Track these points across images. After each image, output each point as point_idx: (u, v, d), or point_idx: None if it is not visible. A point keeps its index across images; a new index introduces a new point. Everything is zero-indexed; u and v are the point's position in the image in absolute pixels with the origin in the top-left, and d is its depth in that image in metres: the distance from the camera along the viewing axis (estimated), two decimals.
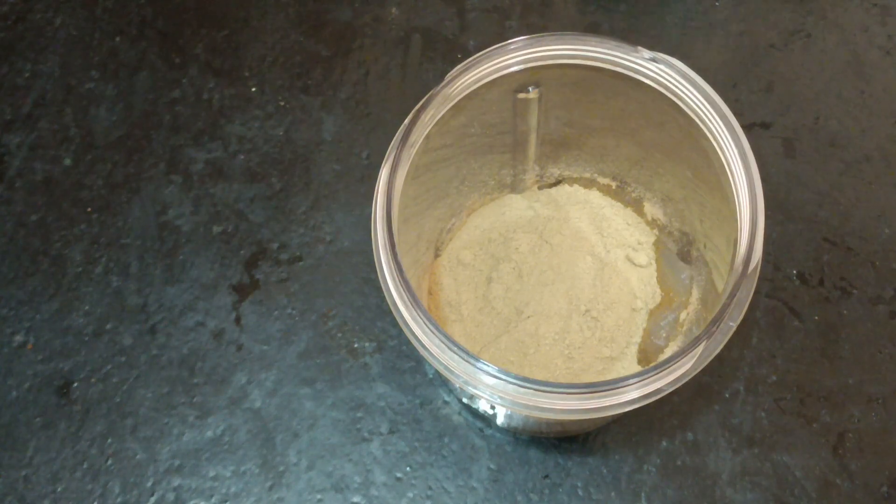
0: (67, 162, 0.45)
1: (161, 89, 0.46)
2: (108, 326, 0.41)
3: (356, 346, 0.40)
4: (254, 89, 0.46)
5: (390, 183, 0.30)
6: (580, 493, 0.37)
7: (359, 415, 0.39)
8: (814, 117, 0.45)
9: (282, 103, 0.46)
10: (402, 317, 0.28)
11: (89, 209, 0.44)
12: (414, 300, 0.28)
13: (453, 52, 0.48)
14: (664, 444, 0.38)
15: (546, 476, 0.38)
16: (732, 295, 0.28)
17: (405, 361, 0.40)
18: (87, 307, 0.41)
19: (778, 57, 0.47)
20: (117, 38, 0.48)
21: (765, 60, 0.47)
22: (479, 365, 0.27)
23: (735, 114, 0.30)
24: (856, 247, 0.42)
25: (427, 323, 0.28)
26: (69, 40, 0.48)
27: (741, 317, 0.28)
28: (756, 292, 0.41)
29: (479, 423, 0.39)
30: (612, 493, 0.37)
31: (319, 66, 0.47)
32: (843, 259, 0.42)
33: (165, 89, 0.46)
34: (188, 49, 0.47)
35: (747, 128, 0.45)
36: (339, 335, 0.41)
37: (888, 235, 0.42)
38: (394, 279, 0.28)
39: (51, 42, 0.48)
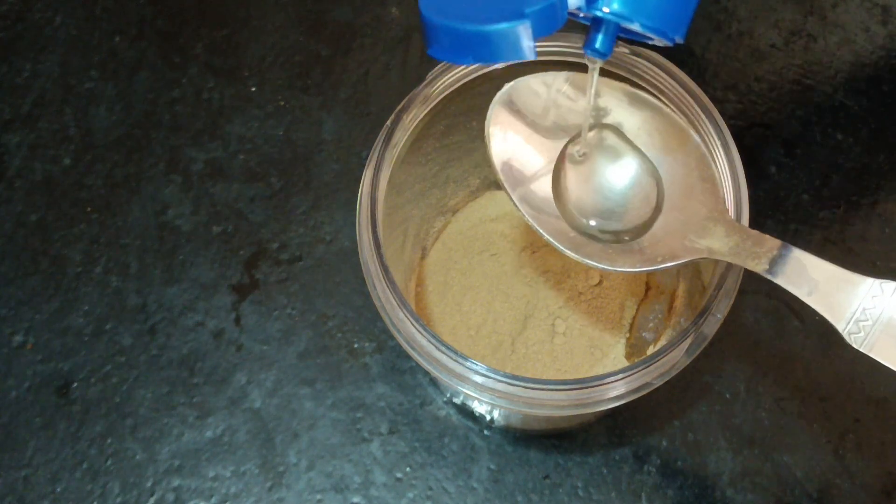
0: (67, 162, 0.45)
1: (161, 89, 0.46)
2: (108, 326, 0.41)
3: (356, 346, 0.40)
4: (254, 89, 0.46)
5: (374, 185, 0.30)
6: (580, 493, 0.37)
7: (359, 415, 0.39)
8: (815, 118, 0.45)
9: (282, 103, 0.46)
10: (389, 318, 0.29)
11: (89, 209, 0.44)
12: (401, 301, 0.28)
13: None
14: (664, 444, 0.38)
15: (546, 476, 0.38)
16: (719, 286, 0.28)
17: (405, 361, 0.40)
18: (86, 307, 0.41)
19: (778, 57, 0.47)
20: (117, 38, 0.48)
21: (765, 60, 0.47)
22: (467, 364, 0.27)
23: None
24: (856, 247, 0.42)
25: (414, 323, 0.28)
26: (69, 40, 0.48)
27: (728, 308, 0.28)
28: (756, 292, 0.41)
29: (469, 422, 0.39)
30: (613, 494, 0.37)
31: (319, 66, 0.47)
32: (843, 259, 0.42)
33: (165, 89, 0.46)
34: (188, 49, 0.47)
35: (747, 128, 0.45)
36: (339, 335, 0.41)
37: (888, 235, 0.42)
38: (380, 280, 0.29)
39: (50, 42, 0.48)
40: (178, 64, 0.47)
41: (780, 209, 0.43)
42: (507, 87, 0.30)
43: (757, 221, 0.42)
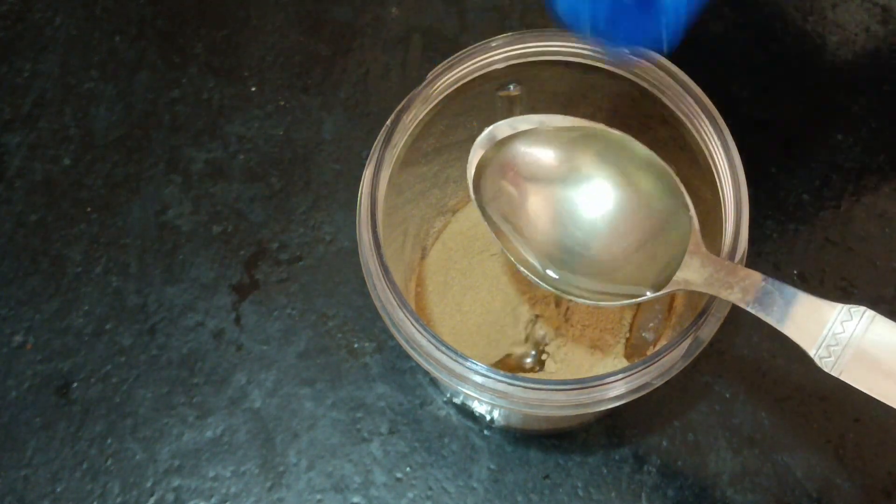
0: (67, 162, 0.45)
1: (161, 89, 0.46)
2: (108, 326, 0.41)
3: (356, 346, 0.40)
4: (254, 89, 0.46)
5: (374, 184, 0.30)
6: (580, 493, 0.37)
7: (359, 415, 0.39)
8: (815, 118, 0.45)
9: (282, 103, 0.46)
10: (389, 318, 0.29)
11: (89, 209, 0.44)
12: (401, 301, 0.28)
13: (453, 52, 0.47)
14: (665, 444, 0.38)
15: (546, 476, 0.38)
16: None
17: (405, 361, 0.40)
18: (86, 307, 0.41)
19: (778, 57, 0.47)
20: (117, 38, 0.48)
21: (765, 60, 0.47)
22: (467, 364, 0.27)
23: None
24: (856, 247, 0.42)
25: (415, 323, 0.28)
26: (69, 40, 0.48)
27: (728, 308, 0.28)
28: None
29: (469, 423, 0.39)
30: (613, 494, 0.37)
31: (319, 66, 0.47)
32: (843, 259, 0.42)
33: (165, 89, 0.46)
34: (188, 49, 0.47)
35: (748, 128, 0.45)
36: (339, 335, 0.41)
37: (888, 235, 0.42)
38: (380, 280, 0.29)
39: (50, 41, 0.48)
40: (178, 64, 0.47)
41: (780, 209, 0.43)
42: (486, 130, 0.31)
43: (757, 221, 0.42)
